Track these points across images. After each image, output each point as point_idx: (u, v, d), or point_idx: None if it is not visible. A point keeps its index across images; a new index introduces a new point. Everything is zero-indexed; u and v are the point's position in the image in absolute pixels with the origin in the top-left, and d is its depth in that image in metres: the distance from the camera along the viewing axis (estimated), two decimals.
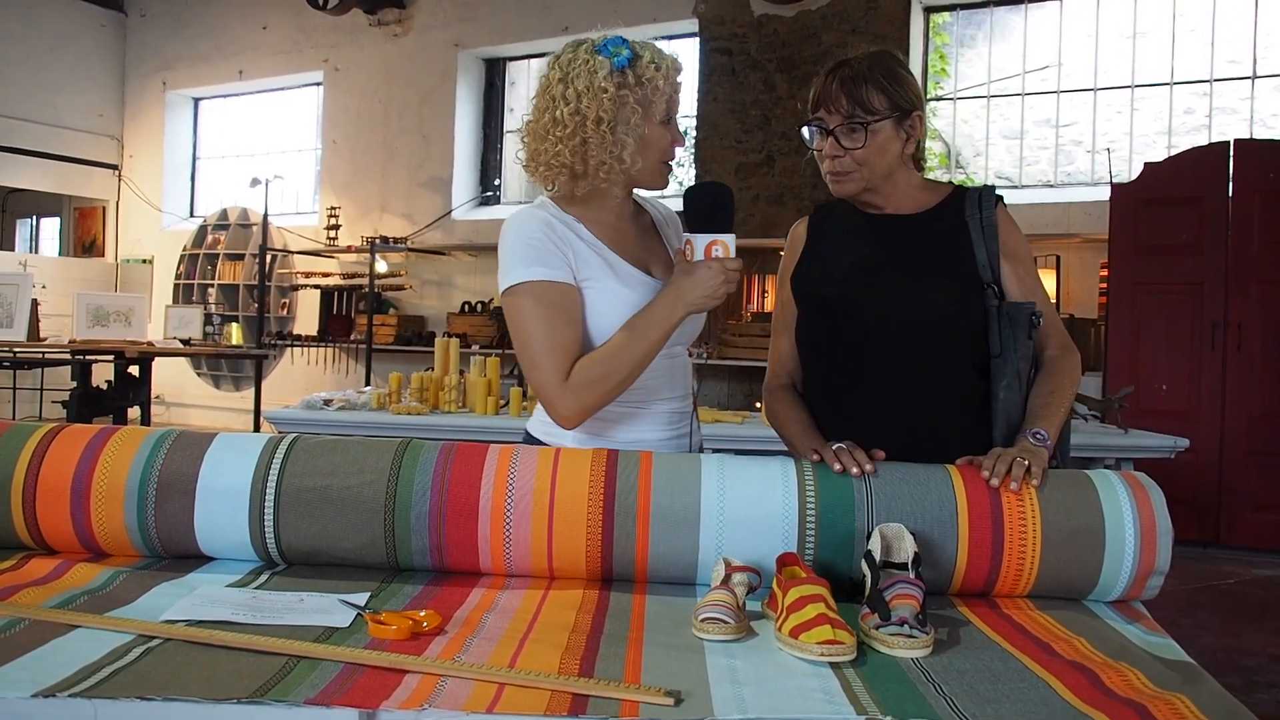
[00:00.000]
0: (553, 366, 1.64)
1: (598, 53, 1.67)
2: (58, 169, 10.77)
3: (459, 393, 4.21)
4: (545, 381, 1.65)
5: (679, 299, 1.65)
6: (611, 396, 1.67)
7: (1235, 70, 6.54)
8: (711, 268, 1.62)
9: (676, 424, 1.82)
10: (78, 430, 1.60)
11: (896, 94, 1.74)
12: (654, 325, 1.65)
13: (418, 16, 9.34)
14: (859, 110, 1.72)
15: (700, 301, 1.64)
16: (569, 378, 1.64)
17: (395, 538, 1.48)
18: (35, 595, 1.33)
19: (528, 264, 1.67)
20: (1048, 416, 1.64)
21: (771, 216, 7.41)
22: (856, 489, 1.48)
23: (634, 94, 1.65)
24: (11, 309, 6.01)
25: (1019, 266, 1.77)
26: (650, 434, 1.78)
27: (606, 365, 1.64)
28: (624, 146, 1.66)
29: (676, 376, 1.82)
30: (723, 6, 7.72)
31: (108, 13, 11.21)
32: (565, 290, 1.68)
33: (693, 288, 1.63)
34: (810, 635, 1.18)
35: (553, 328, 1.65)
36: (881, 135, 1.74)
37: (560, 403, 1.65)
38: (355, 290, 9.46)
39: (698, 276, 1.63)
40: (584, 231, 1.73)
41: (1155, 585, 1.47)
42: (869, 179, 1.77)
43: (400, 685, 1.06)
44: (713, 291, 1.63)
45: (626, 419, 1.77)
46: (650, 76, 1.67)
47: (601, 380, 1.64)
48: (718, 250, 1.63)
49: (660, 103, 1.69)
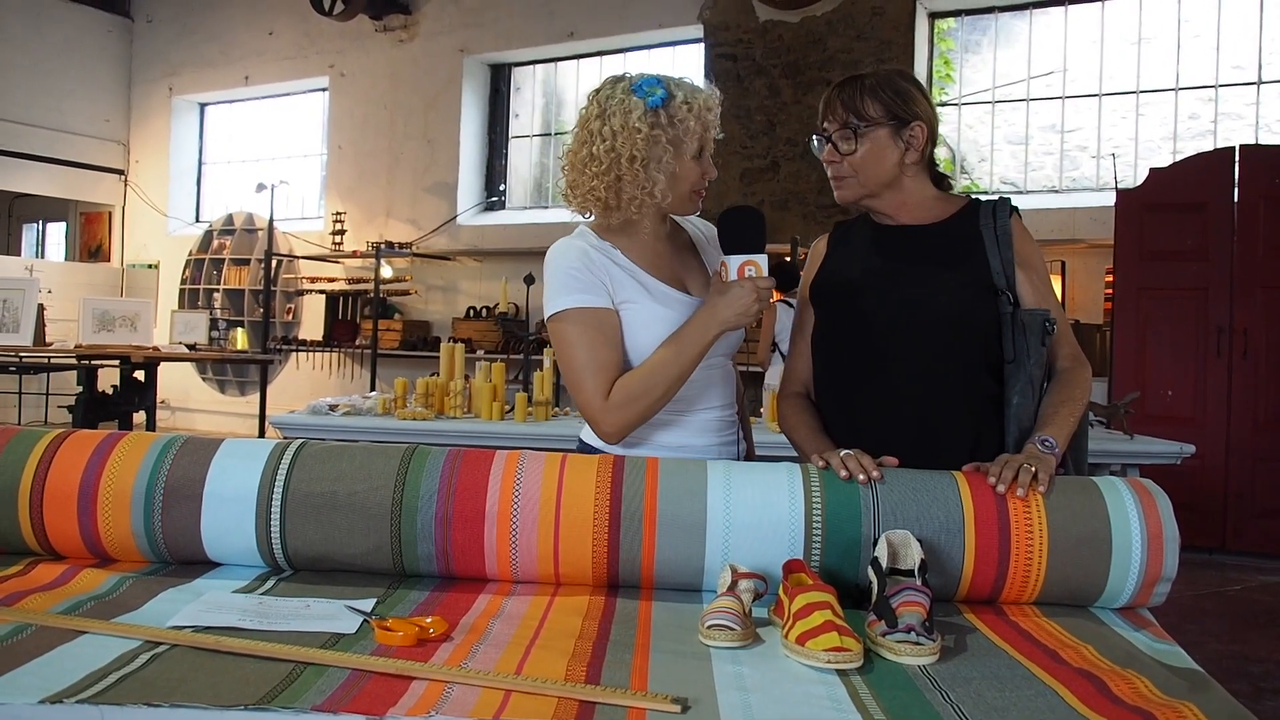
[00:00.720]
0: (595, 386, 1.73)
1: (633, 92, 1.74)
2: (64, 174, 10.81)
3: (464, 398, 4.22)
4: (588, 401, 1.74)
5: (713, 317, 1.71)
6: (652, 411, 1.74)
7: (1240, 76, 6.53)
8: (744, 287, 1.69)
9: (721, 431, 1.89)
10: (84, 436, 1.61)
11: (894, 104, 1.80)
12: (689, 343, 1.72)
13: (423, 22, 9.36)
14: (852, 117, 1.80)
15: (734, 319, 1.71)
16: (609, 396, 1.72)
17: (401, 544, 1.48)
18: (42, 601, 1.34)
19: (568, 291, 1.76)
20: (1057, 424, 1.64)
21: (776, 222, 7.41)
22: (863, 496, 1.48)
23: (666, 134, 1.73)
24: (18, 314, 6.02)
25: (1033, 275, 1.80)
26: (695, 440, 1.84)
27: (645, 383, 1.72)
28: (655, 183, 1.74)
29: (717, 386, 1.88)
30: (728, 13, 7.73)
31: (114, 18, 11.26)
32: (604, 315, 1.76)
33: (726, 306, 1.70)
34: (817, 642, 1.18)
35: (594, 350, 1.74)
36: (875, 142, 1.80)
37: (603, 420, 1.73)
38: (360, 295, 9.49)
39: (731, 295, 1.70)
40: (619, 257, 1.81)
41: (1162, 592, 1.47)
42: (866, 185, 1.83)
43: (407, 692, 1.06)
44: (746, 309, 1.70)
45: (669, 426, 1.82)
46: (682, 117, 1.74)
47: (641, 397, 1.72)
48: (750, 270, 1.71)
49: (692, 141, 1.76)
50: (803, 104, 7.33)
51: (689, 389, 1.79)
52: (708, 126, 1.78)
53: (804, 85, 7.33)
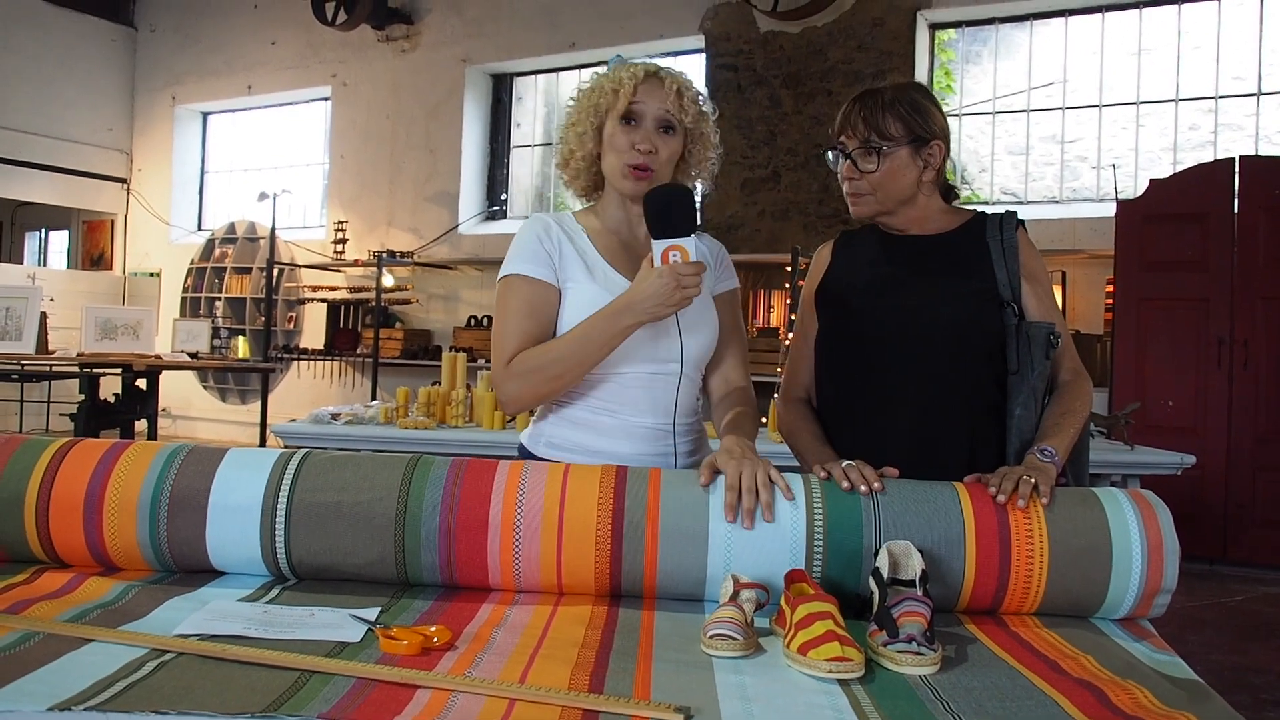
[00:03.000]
0: (507, 352, 1.75)
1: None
2: (67, 182, 10.83)
3: (466, 407, 4.23)
4: (495, 364, 1.78)
5: (628, 307, 1.64)
6: (548, 389, 1.75)
7: (1240, 87, 6.55)
8: (663, 275, 1.59)
9: (654, 441, 1.81)
10: (90, 445, 1.61)
11: (915, 123, 1.81)
12: (597, 329, 1.67)
13: (426, 32, 9.39)
14: (874, 135, 1.81)
15: (652, 310, 1.62)
16: (509, 363, 1.74)
17: (405, 553, 1.49)
18: (48, 609, 1.34)
19: (517, 260, 1.80)
20: (1058, 435, 1.66)
21: (777, 232, 7.43)
22: (864, 506, 1.48)
23: (595, 93, 1.79)
24: (20, 322, 6.03)
25: (1038, 288, 1.82)
26: (623, 448, 1.78)
27: (544, 358, 1.72)
28: (579, 145, 1.82)
29: (658, 398, 1.81)
30: (729, 23, 7.75)
31: (118, 28, 11.29)
32: (541, 288, 1.78)
33: (643, 296, 1.62)
34: (819, 652, 1.18)
35: (520, 319, 1.76)
36: (896, 161, 1.81)
37: (500, 385, 1.76)
38: (362, 304, 9.50)
39: (648, 285, 1.61)
40: (581, 237, 1.84)
41: (1162, 603, 1.48)
42: (884, 202, 1.85)
43: (412, 700, 1.07)
44: (665, 299, 1.60)
45: (592, 429, 1.80)
46: (613, 77, 1.79)
47: (536, 371, 1.72)
48: (675, 256, 1.59)
49: (619, 101, 1.77)
50: (804, 114, 7.35)
51: (622, 393, 1.77)
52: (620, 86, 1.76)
53: (805, 96, 7.34)
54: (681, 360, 1.80)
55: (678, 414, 1.83)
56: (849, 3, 7.27)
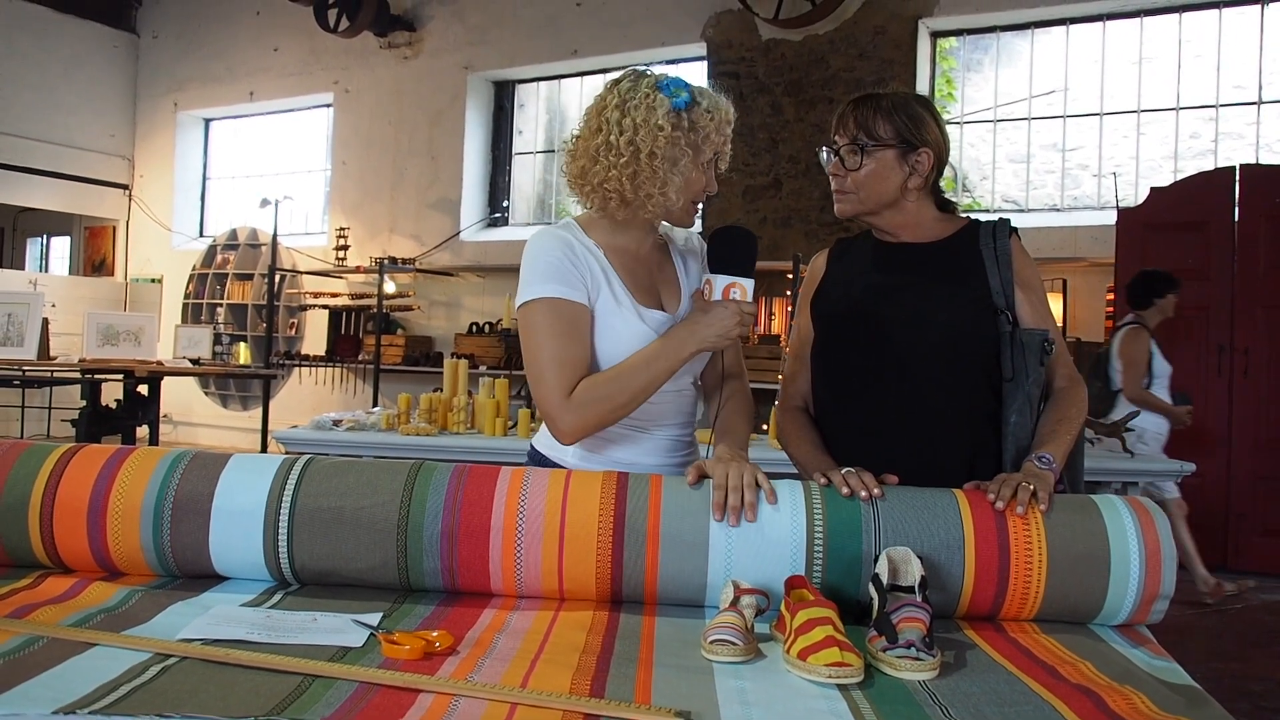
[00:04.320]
0: (557, 382, 1.67)
1: (659, 89, 1.70)
2: (69, 188, 10.85)
3: (467, 414, 4.23)
4: (548, 397, 1.68)
5: (691, 335, 1.69)
6: (611, 419, 1.71)
7: (1241, 95, 6.56)
8: (728, 309, 1.67)
9: (676, 451, 1.86)
10: (94, 451, 1.62)
11: (905, 127, 1.82)
12: (663, 357, 1.69)
13: (428, 39, 9.42)
14: (862, 134, 1.83)
15: (712, 340, 1.68)
16: (572, 395, 1.67)
17: (408, 558, 1.50)
18: (52, 614, 1.35)
19: (545, 281, 1.71)
20: (1055, 442, 1.66)
21: (778, 239, 7.44)
22: (864, 513, 1.49)
23: (686, 137, 1.70)
24: (22, 328, 6.04)
25: (1032, 295, 1.82)
26: (649, 459, 1.81)
27: (610, 388, 1.68)
28: (669, 184, 1.71)
29: (682, 407, 1.86)
30: (731, 31, 7.77)
31: (120, 34, 11.33)
32: (579, 310, 1.71)
33: (707, 326, 1.68)
34: (818, 657, 1.19)
35: (563, 344, 1.69)
36: (880, 162, 1.82)
37: (561, 417, 1.68)
38: (363, 311, 9.51)
39: (713, 316, 1.68)
40: (600, 256, 1.77)
41: (1160, 609, 1.48)
42: (865, 203, 1.86)
43: (414, 705, 1.07)
44: (726, 331, 1.67)
45: (627, 442, 1.80)
46: (704, 124, 1.71)
47: (603, 400, 1.67)
48: (735, 293, 1.68)
49: (708, 150, 1.74)
50: (805, 122, 7.36)
51: (653, 406, 1.76)
52: (726, 139, 1.77)
53: (806, 103, 7.36)
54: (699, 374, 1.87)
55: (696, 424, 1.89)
56: (850, 11, 7.29)
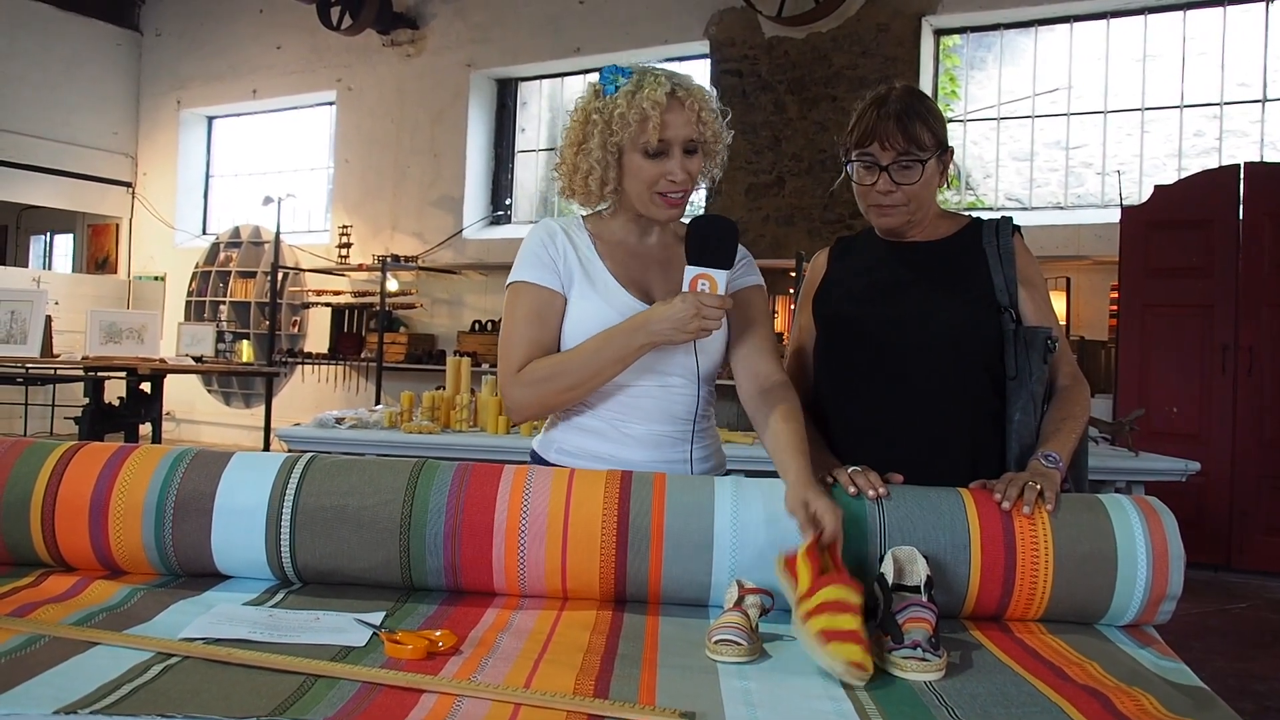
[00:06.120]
0: (514, 359, 1.73)
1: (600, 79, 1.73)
2: (72, 186, 10.86)
3: (470, 412, 4.23)
4: (503, 371, 1.75)
5: (644, 325, 1.62)
6: (557, 399, 1.73)
7: (1245, 93, 6.55)
8: (686, 300, 1.57)
9: (668, 448, 1.79)
10: (96, 449, 1.62)
11: (940, 131, 1.80)
12: (611, 344, 1.66)
13: (431, 37, 9.41)
14: (914, 147, 1.76)
15: (666, 333, 1.60)
16: (520, 372, 1.72)
17: (410, 557, 1.49)
18: (54, 612, 1.34)
19: (525, 266, 1.78)
20: (1059, 440, 1.65)
21: (781, 237, 7.43)
22: (870, 512, 1.49)
23: (602, 117, 1.69)
24: (25, 325, 6.04)
25: (1034, 293, 1.81)
26: (636, 455, 1.76)
27: (555, 368, 1.70)
28: (590, 171, 1.72)
29: (669, 407, 1.78)
30: (733, 29, 7.76)
31: (123, 32, 11.33)
32: (549, 295, 1.76)
33: (661, 318, 1.60)
34: (840, 649, 1.18)
35: (527, 326, 1.74)
36: (929, 171, 1.79)
37: (508, 392, 1.74)
38: (366, 308, 9.51)
39: (670, 307, 1.59)
40: (587, 246, 1.79)
41: (1167, 610, 1.48)
42: (915, 213, 1.82)
43: (417, 705, 1.07)
44: (681, 325, 1.58)
45: (604, 436, 1.77)
46: (619, 104, 1.67)
47: (546, 380, 1.70)
48: (703, 285, 1.58)
49: (623, 131, 1.67)
50: (808, 120, 7.35)
51: (632, 400, 1.74)
52: (646, 118, 1.65)
53: (809, 101, 7.35)
54: (698, 376, 1.78)
55: (695, 421, 1.82)
56: (854, 8, 7.28)
